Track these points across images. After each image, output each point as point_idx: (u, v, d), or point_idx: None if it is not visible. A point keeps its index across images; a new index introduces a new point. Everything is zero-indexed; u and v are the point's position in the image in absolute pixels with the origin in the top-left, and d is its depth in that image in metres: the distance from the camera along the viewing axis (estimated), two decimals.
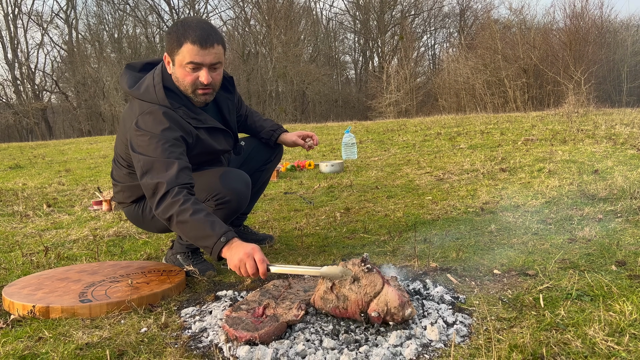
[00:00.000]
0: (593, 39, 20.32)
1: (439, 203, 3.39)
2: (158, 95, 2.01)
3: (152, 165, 1.89)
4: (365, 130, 10.15)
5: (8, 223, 3.54)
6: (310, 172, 5.42)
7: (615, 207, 2.87)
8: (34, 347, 1.54)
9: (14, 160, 8.96)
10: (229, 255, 1.73)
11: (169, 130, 1.96)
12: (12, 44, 28.65)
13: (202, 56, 1.95)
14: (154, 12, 31.68)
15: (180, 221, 1.78)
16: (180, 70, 1.99)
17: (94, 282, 2.01)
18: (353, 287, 1.55)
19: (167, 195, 1.82)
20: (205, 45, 1.94)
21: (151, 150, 1.91)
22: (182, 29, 1.95)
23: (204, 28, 1.95)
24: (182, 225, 1.79)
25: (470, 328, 1.52)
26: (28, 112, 27.69)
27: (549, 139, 6.31)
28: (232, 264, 1.71)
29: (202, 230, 1.76)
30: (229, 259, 1.73)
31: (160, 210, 1.84)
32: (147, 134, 1.94)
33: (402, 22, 31.33)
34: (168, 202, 1.81)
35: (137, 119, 1.99)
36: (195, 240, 1.81)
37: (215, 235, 1.74)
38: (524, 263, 2.08)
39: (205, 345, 1.51)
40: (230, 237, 1.75)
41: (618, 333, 1.42)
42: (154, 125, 1.96)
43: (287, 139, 2.55)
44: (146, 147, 1.93)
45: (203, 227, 1.76)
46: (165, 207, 1.82)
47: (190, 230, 1.79)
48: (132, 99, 2.10)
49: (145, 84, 2.06)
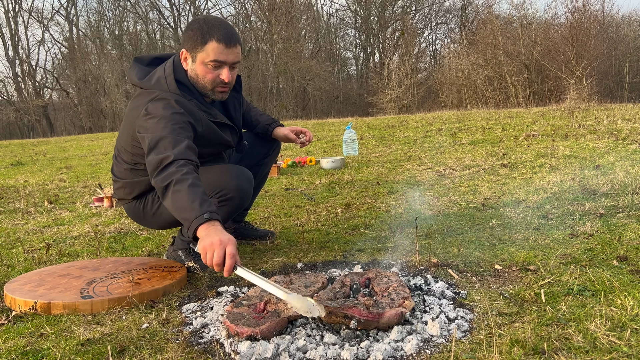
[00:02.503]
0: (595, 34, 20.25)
1: (440, 199, 3.39)
2: (170, 87, 2.02)
3: (159, 141, 1.84)
4: (367, 126, 10.14)
5: (10, 220, 3.54)
6: (311, 168, 5.42)
7: (617, 202, 2.87)
8: (35, 343, 1.54)
9: (16, 157, 8.97)
10: (203, 234, 1.64)
11: (180, 114, 1.95)
12: (12, 41, 28.66)
13: (226, 55, 1.99)
14: (155, 9, 31.65)
15: (177, 189, 1.72)
16: (202, 67, 2.01)
17: (96, 278, 2.01)
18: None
19: (171, 164, 1.77)
20: (229, 44, 1.98)
21: (159, 129, 1.87)
22: (206, 27, 1.97)
23: (227, 27, 2.00)
24: (175, 194, 1.72)
25: (472, 323, 1.52)
26: (29, 109, 27.70)
27: (550, 135, 6.30)
28: (201, 244, 1.63)
29: (190, 202, 1.69)
30: (201, 239, 1.64)
31: (160, 177, 1.77)
32: (157, 116, 1.92)
33: (403, 17, 31.25)
34: (171, 170, 1.75)
35: (147, 105, 1.98)
36: (180, 211, 1.72)
37: (200, 211, 1.66)
38: (525, 258, 2.08)
39: (206, 341, 1.51)
40: (214, 217, 1.68)
41: (619, 328, 1.42)
42: (163, 109, 1.95)
43: (280, 133, 2.56)
44: (154, 127, 1.89)
45: (192, 199, 1.69)
46: (166, 175, 1.76)
47: (180, 199, 1.71)
48: (141, 92, 2.11)
49: (157, 76, 2.07)
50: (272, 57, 28.52)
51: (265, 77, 28.46)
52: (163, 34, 32.27)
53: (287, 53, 28.26)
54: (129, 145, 2.14)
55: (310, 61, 30.06)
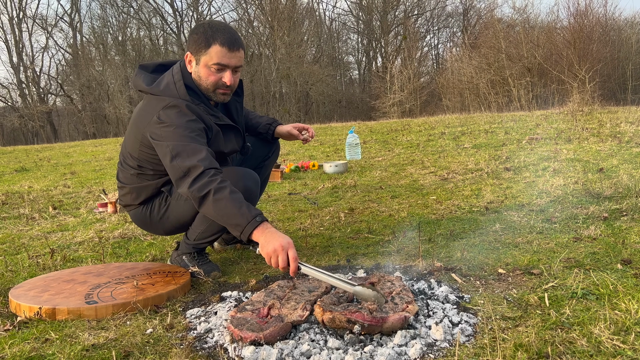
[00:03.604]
0: (597, 37, 20.22)
1: (443, 203, 3.39)
2: (179, 92, 2.05)
3: (182, 149, 1.91)
4: (369, 131, 10.15)
5: (14, 226, 3.56)
6: (314, 172, 5.43)
7: (621, 205, 2.86)
8: (40, 348, 1.55)
9: (20, 163, 9.00)
10: (262, 239, 1.74)
11: (193, 122, 2.00)
12: (17, 48, 28.85)
13: (228, 58, 2.03)
14: (158, 15, 31.83)
15: (218, 198, 1.80)
16: (205, 69, 2.05)
17: (100, 284, 2.02)
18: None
19: (203, 174, 1.84)
20: (232, 48, 2.02)
21: (177, 138, 1.94)
22: (210, 31, 2.02)
23: (231, 32, 2.05)
24: (218, 202, 1.80)
25: (475, 327, 1.52)
26: (33, 115, 27.84)
27: (553, 138, 6.29)
28: (265, 250, 1.73)
29: (238, 209, 1.78)
30: (262, 244, 1.74)
31: (195, 187, 1.84)
32: (172, 125, 1.98)
33: (405, 22, 31.32)
34: (205, 180, 1.83)
35: (159, 113, 2.02)
36: (228, 217, 1.81)
37: (251, 215, 1.77)
38: (529, 262, 2.08)
39: (210, 346, 1.51)
40: (263, 219, 1.78)
41: (624, 332, 1.41)
42: (177, 117, 1.99)
43: (283, 130, 2.59)
44: (171, 136, 1.96)
45: (239, 205, 1.79)
46: (202, 185, 1.82)
47: (225, 207, 1.80)
48: (149, 98, 2.13)
49: (165, 81, 2.10)
50: (275, 62, 28.61)
51: (268, 81, 28.54)
52: (166, 40, 32.46)
53: (290, 58, 28.34)
54: (136, 150, 2.15)
55: (313, 66, 30.14)
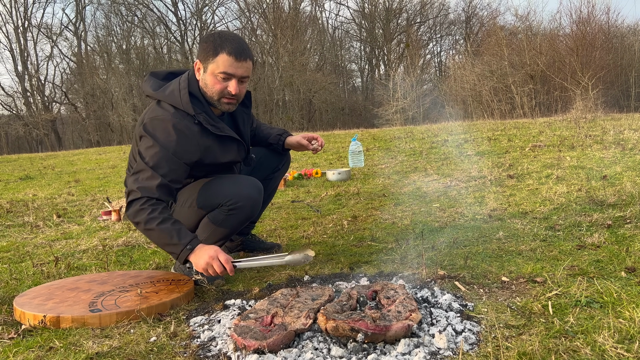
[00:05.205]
0: (600, 44, 20.25)
1: (446, 210, 3.39)
2: (182, 99, 2.08)
3: (142, 168, 2.03)
4: (372, 138, 10.16)
5: (19, 234, 3.57)
6: (317, 180, 5.43)
7: (624, 213, 2.85)
8: (45, 356, 1.55)
9: (24, 171, 9.05)
10: (194, 259, 1.94)
11: (173, 143, 2.04)
12: (22, 57, 29.03)
13: (235, 68, 2.06)
14: (162, 24, 32.01)
15: (148, 229, 1.96)
16: (211, 77, 2.08)
17: (104, 292, 2.03)
18: None
19: (135, 202, 1.98)
20: (239, 58, 2.05)
21: (148, 157, 2.03)
22: (219, 40, 2.05)
23: (240, 42, 2.08)
24: (150, 232, 1.98)
25: (479, 336, 1.52)
26: (38, 123, 27.96)
27: (556, 145, 6.28)
28: (199, 268, 1.93)
29: (169, 239, 1.95)
30: (195, 263, 1.94)
31: (130, 212, 2.00)
32: (151, 141, 2.05)
33: (408, 30, 31.43)
34: (136, 208, 1.97)
35: (147, 121, 2.08)
36: (162, 246, 2.01)
37: (182, 244, 1.94)
38: (533, 270, 2.07)
39: (214, 354, 1.51)
40: (195, 244, 1.96)
41: (628, 340, 1.41)
42: (160, 134, 2.05)
43: (293, 141, 2.60)
44: (145, 152, 2.05)
45: (169, 235, 1.94)
46: (134, 212, 1.98)
47: (158, 237, 1.97)
48: (153, 104, 2.16)
49: (171, 88, 2.14)
50: (278, 70, 28.71)
51: (271, 89, 28.62)
52: (170, 48, 32.61)
53: (293, 66, 28.44)
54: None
55: (316, 74, 30.22)
